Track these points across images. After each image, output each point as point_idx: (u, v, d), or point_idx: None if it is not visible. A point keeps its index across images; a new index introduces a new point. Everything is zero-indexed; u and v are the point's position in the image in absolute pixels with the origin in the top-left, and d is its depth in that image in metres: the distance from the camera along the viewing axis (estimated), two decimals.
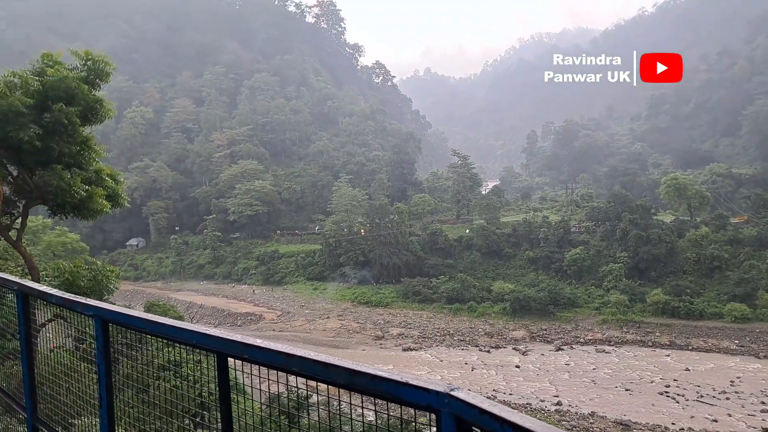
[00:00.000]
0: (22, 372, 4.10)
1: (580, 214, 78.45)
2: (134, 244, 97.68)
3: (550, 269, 66.80)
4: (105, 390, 3.16)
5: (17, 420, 6.90)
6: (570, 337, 53.81)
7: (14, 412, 6.81)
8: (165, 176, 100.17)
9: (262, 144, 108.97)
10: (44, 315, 4.72)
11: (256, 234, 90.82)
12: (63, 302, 3.62)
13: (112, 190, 14.76)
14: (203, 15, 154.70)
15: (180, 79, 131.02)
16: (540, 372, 45.71)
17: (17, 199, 14.55)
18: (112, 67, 14.30)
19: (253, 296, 74.63)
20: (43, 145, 13.07)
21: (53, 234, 60.79)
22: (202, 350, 2.55)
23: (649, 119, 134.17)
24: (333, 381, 2.04)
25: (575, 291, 62.02)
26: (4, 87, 12.71)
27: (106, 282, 14.38)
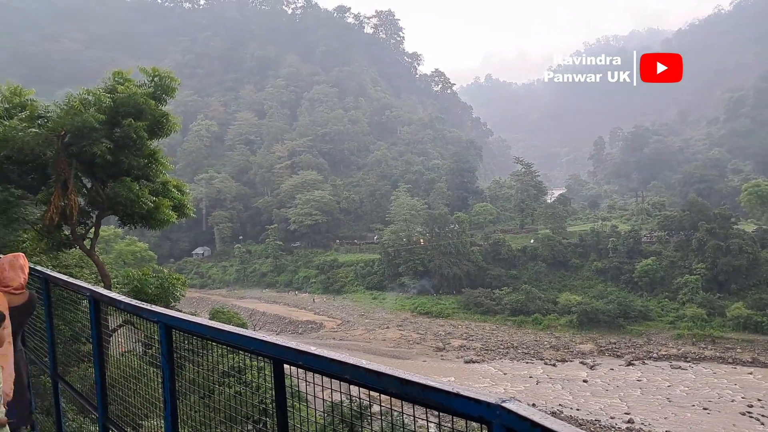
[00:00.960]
0: (94, 373, 4.34)
1: (651, 223, 75.36)
2: (200, 253, 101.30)
3: (619, 281, 64.41)
4: (169, 393, 3.31)
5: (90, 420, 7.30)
6: (642, 352, 51.59)
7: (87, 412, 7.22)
8: (229, 187, 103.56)
9: (321, 154, 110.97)
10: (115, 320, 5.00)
11: (316, 243, 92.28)
12: (130, 308, 3.81)
13: (178, 201, 15.44)
14: (264, 30, 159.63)
15: (243, 92, 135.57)
16: (609, 387, 44.03)
17: (91, 210, 15.47)
18: (177, 83, 15.02)
19: (313, 305, 75.83)
20: (114, 159, 13.85)
21: (124, 243, 63.92)
22: (259, 356, 2.63)
23: (728, 123, 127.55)
24: (385, 390, 2.05)
25: (647, 303, 59.48)
26: (79, 104, 13.58)
27: (172, 289, 15.02)
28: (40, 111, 14.64)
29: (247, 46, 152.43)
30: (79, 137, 13.28)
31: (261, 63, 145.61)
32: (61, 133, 13.49)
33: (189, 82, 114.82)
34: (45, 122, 13.91)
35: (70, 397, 5.56)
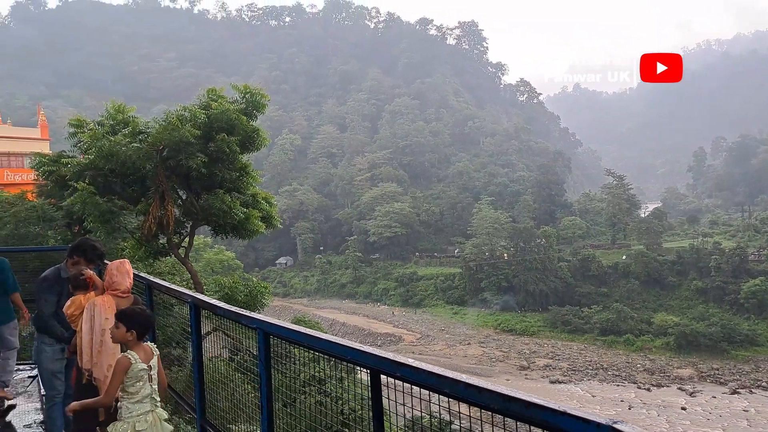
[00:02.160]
0: (193, 376, 4.58)
1: (759, 240, 69.95)
2: (283, 263, 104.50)
3: (722, 301, 60.13)
4: (266, 398, 3.44)
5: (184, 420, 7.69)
6: (749, 380, 47.79)
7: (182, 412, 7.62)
8: (311, 199, 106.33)
9: (401, 166, 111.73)
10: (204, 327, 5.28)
11: (396, 255, 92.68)
12: (229, 315, 4.02)
13: (266, 212, 16.10)
14: (347, 45, 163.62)
15: (326, 106, 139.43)
16: (711, 417, 41.07)
17: (185, 220, 16.42)
18: (267, 99, 15.73)
19: (392, 317, 76.10)
20: (208, 172, 14.65)
21: (212, 252, 67.11)
22: (357, 366, 2.70)
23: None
24: (486, 405, 2.06)
25: (755, 327, 55.12)
26: (176, 120, 14.50)
27: (260, 297, 15.63)
28: (141, 127, 15.78)
29: (330, 61, 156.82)
30: (176, 151, 14.16)
31: (344, 77, 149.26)
32: (160, 148, 14.45)
33: (275, 97, 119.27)
34: (145, 137, 14.95)
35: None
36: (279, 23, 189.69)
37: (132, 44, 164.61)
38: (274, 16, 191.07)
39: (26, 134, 53.69)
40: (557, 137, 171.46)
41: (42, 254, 12.22)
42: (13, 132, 51.68)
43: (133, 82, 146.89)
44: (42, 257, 11.68)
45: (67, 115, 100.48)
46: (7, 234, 16.46)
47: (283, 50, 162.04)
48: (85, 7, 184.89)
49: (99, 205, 14.18)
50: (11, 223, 17.23)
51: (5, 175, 43.71)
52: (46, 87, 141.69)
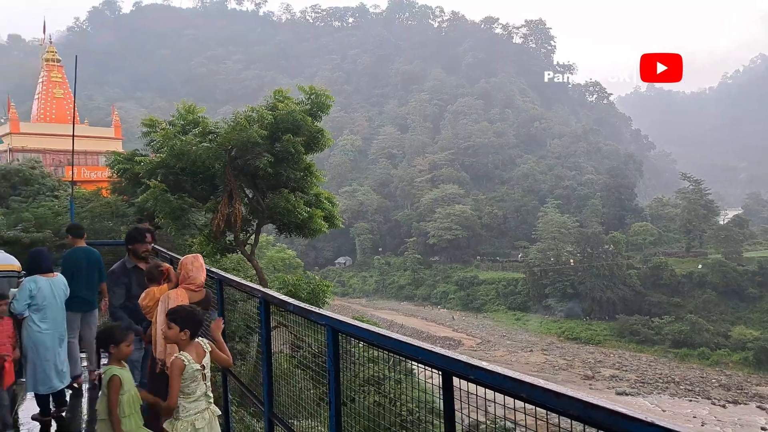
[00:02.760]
0: (262, 370, 4.72)
1: None
2: (342, 262, 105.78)
3: None
4: (334, 395, 3.50)
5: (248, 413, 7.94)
6: None
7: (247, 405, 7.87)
8: (371, 200, 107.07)
9: (463, 168, 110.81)
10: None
11: (456, 258, 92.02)
12: (298, 311, 4.10)
13: (328, 212, 16.37)
14: (410, 44, 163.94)
15: (387, 107, 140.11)
16: None
17: (251, 218, 16.91)
18: (331, 100, 16.02)
19: (451, 321, 75.63)
20: (274, 172, 15.04)
21: (274, 250, 68.65)
22: (427, 367, 2.71)
23: None
24: (564, 411, 2.02)
25: None
26: (244, 121, 14.97)
27: (322, 295, 15.91)
28: (210, 127, 16.40)
29: (392, 61, 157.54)
30: (244, 151, 14.63)
31: (406, 78, 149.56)
32: (229, 148, 14.95)
33: (337, 98, 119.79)
34: (215, 137, 15.50)
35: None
36: (342, 24, 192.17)
37: (200, 47, 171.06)
38: (338, 17, 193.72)
39: (102, 134, 56.79)
40: (628, 139, 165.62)
41: (115, 248, 12.90)
42: (90, 131, 54.75)
43: (201, 83, 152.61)
44: (115, 251, 12.33)
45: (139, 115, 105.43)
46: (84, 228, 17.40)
47: (346, 51, 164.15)
48: (156, 12, 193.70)
49: (170, 202, 14.82)
50: (88, 218, 18.19)
51: (82, 172, 46.18)
52: (120, 89, 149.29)
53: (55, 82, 58.02)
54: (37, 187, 29.93)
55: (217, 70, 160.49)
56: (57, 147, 50.66)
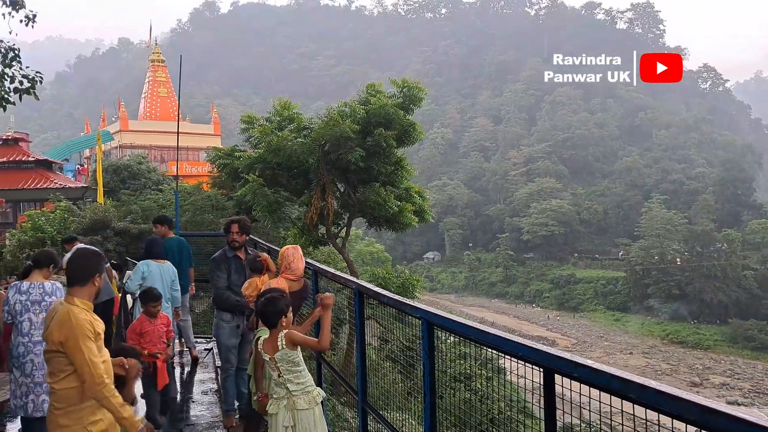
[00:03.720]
0: (356, 360, 4.84)
1: None
2: (431, 257, 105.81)
3: None
4: (429, 388, 3.53)
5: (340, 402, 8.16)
6: None
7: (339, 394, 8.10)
8: (461, 194, 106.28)
9: (561, 161, 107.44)
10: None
11: (551, 255, 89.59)
12: (392, 303, 4.17)
13: (419, 206, 16.44)
14: (505, 34, 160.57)
15: (480, 98, 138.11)
16: None
17: (343, 211, 17.32)
18: (424, 92, 16.07)
19: (545, 320, 73.83)
20: (365, 166, 15.31)
21: (363, 244, 70.00)
22: (528, 363, 2.67)
23: None
24: (679, 415, 1.94)
25: None
26: (337, 116, 15.34)
27: (411, 289, 16.03)
28: (305, 123, 16.96)
29: (486, 51, 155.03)
30: (337, 146, 14.98)
31: (500, 68, 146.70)
32: (322, 142, 15.37)
33: (428, 90, 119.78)
34: (309, 133, 16.01)
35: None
36: (435, 15, 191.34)
37: (293, 43, 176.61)
38: (430, 8, 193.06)
39: (202, 130, 60.10)
40: (747, 129, 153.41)
41: (215, 239, 13.65)
42: (192, 128, 58.11)
43: (294, 80, 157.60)
44: (215, 242, 13.05)
45: (236, 112, 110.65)
46: (186, 220, 18.54)
47: (438, 42, 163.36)
48: (252, 11, 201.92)
49: (267, 196, 15.49)
50: (189, 211, 19.36)
51: (184, 167, 49.02)
52: (218, 86, 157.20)
53: (159, 82, 62.07)
54: (143, 181, 32.29)
55: (310, 66, 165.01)
56: (161, 143, 54.25)
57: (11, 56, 9.98)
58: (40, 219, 18.10)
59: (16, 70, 9.99)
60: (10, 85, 9.95)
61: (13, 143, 35.43)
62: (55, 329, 3.14)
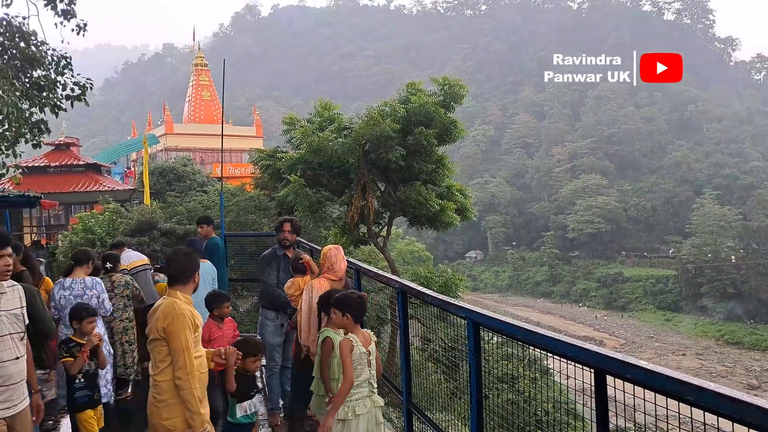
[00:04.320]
0: (400, 360, 4.84)
1: None
2: (473, 256, 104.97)
3: None
4: (475, 388, 3.50)
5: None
6: None
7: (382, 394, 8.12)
8: (503, 192, 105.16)
9: (606, 157, 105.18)
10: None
11: (597, 253, 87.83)
12: (437, 302, 4.16)
13: (461, 204, 16.33)
14: (547, 29, 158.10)
15: (521, 95, 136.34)
16: None
17: (383, 211, 17.35)
18: (465, 90, 15.96)
19: (592, 320, 72.40)
20: (406, 164, 15.30)
21: (403, 243, 69.91)
22: (578, 364, 2.62)
23: None
24: (741, 419, 1.87)
25: None
26: (377, 115, 15.37)
27: (454, 289, 15.93)
28: (345, 123, 17.08)
29: (527, 47, 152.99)
30: (377, 145, 15.01)
31: (542, 63, 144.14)
32: (363, 142, 15.43)
33: (469, 87, 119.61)
34: (349, 133, 16.11)
35: None
36: (474, 12, 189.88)
37: (333, 45, 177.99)
38: (470, 5, 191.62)
39: (244, 132, 61.15)
40: None
41: (258, 239, 13.87)
42: (234, 131, 59.23)
43: (333, 80, 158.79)
44: (258, 242, 13.25)
45: (276, 113, 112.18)
46: (230, 221, 18.88)
47: (478, 39, 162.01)
48: (293, 13, 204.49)
49: (308, 196, 15.65)
50: (233, 212, 19.70)
51: (227, 169, 50.01)
52: (259, 88, 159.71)
53: (203, 86, 63.43)
54: (188, 183, 33.03)
55: (349, 67, 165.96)
56: (205, 146, 55.44)
57: (63, 64, 10.38)
58: (90, 221, 18.71)
59: (68, 78, 10.39)
60: (62, 92, 10.35)
61: (65, 148, 36.76)
62: (160, 318, 3.35)
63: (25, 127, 10.07)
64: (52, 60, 10.28)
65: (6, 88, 9.43)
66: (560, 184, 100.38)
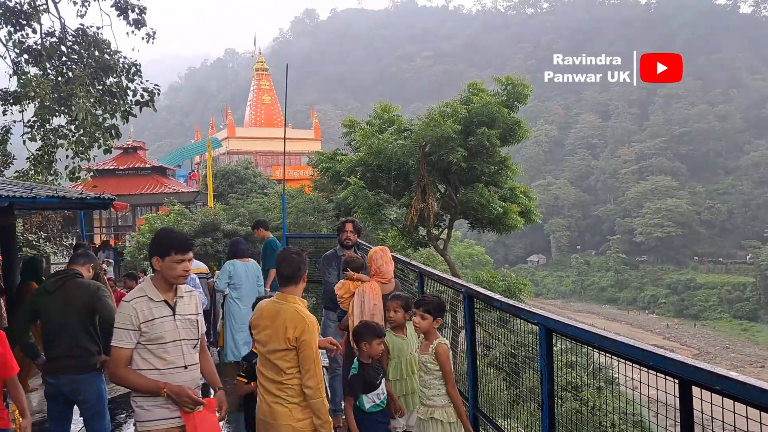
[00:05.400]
0: (467, 365, 4.79)
1: None
2: (535, 261, 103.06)
3: None
4: (547, 395, 3.43)
5: None
6: None
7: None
8: (567, 194, 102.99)
9: (677, 157, 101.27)
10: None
11: (667, 258, 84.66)
12: (506, 307, 4.09)
13: (525, 206, 16.08)
14: (613, 25, 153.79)
15: (586, 93, 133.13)
16: None
17: (443, 213, 17.28)
18: (529, 89, 15.72)
19: (662, 328, 69.80)
20: (468, 166, 15.20)
21: (462, 246, 69.33)
22: (660, 373, 2.52)
23: None
24: None
25: None
26: (438, 116, 15.34)
27: (518, 294, 15.69)
28: (405, 125, 17.12)
29: (592, 45, 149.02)
30: (438, 147, 14.99)
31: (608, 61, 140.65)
32: (423, 144, 15.44)
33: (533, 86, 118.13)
34: (409, 134, 16.14)
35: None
36: (536, 10, 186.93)
37: (391, 46, 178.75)
38: (531, 3, 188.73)
39: (303, 135, 62.26)
40: None
41: (316, 241, 14.08)
42: (293, 134, 60.37)
43: (390, 82, 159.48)
44: (316, 244, 13.46)
45: (334, 117, 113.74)
46: (289, 222, 19.27)
47: (540, 38, 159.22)
48: (351, 16, 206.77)
49: (368, 198, 15.78)
50: (293, 214, 20.09)
51: (287, 171, 50.99)
52: (317, 92, 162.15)
53: (263, 90, 64.98)
54: (249, 185, 33.96)
55: (407, 68, 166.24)
56: (266, 149, 56.82)
57: (133, 71, 10.89)
58: (156, 222, 19.51)
59: (137, 84, 10.89)
60: (132, 98, 10.86)
61: (132, 151, 38.45)
62: (289, 328, 3.33)
63: (99, 132, 10.61)
64: (123, 67, 10.80)
65: (82, 95, 9.98)
66: (627, 186, 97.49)
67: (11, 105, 10.35)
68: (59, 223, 22.58)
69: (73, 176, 10.95)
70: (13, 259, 8.13)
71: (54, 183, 12.21)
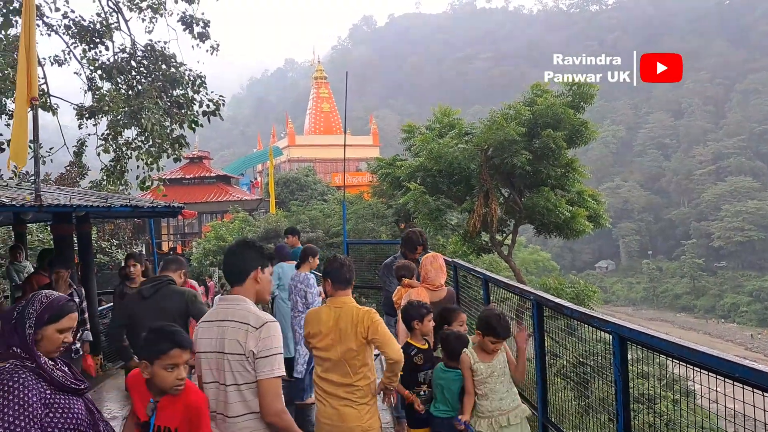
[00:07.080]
0: (536, 374, 4.70)
1: None
2: (603, 267, 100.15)
3: None
4: (622, 406, 3.33)
5: None
6: None
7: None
8: (637, 196, 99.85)
9: (758, 157, 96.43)
10: None
11: (749, 264, 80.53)
12: (577, 315, 4.00)
13: (593, 210, 15.65)
14: (685, 20, 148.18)
15: (656, 92, 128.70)
16: None
17: (507, 218, 17.04)
18: (596, 89, 15.32)
19: (745, 338, 66.29)
20: (532, 169, 14.94)
21: (527, 252, 68.08)
22: (749, 386, 2.39)
23: None
24: None
25: None
26: (501, 119, 15.16)
27: (587, 301, 15.26)
28: (466, 128, 17.01)
29: (661, 40, 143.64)
30: (501, 150, 14.81)
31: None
32: (485, 147, 15.29)
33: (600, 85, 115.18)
34: (470, 138, 16.03)
35: None
36: (600, 8, 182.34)
37: (449, 49, 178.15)
38: (595, 0, 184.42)
39: (362, 142, 62.87)
40: None
41: (375, 247, 14.14)
42: (352, 141, 60.82)
43: (450, 86, 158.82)
44: (375, 249, 13.51)
45: (392, 122, 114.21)
46: (349, 228, 19.50)
47: (605, 36, 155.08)
48: (409, 21, 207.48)
49: (428, 204, 15.75)
50: (352, 220, 20.32)
51: (346, 178, 51.45)
52: (375, 97, 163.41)
53: (322, 98, 66.05)
54: (310, 192, 34.58)
55: (466, 71, 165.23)
56: (325, 156, 57.69)
57: (199, 83, 11.34)
58: (221, 229, 20.17)
59: (203, 95, 11.33)
60: (198, 109, 11.30)
61: (198, 161, 39.90)
62: (358, 324, 3.48)
63: (167, 142, 11.08)
64: (189, 80, 11.25)
65: (151, 106, 10.48)
66: (703, 187, 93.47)
67: (87, 119, 10.95)
68: (130, 231, 23.71)
69: (143, 186, 11.46)
70: (89, 265, 8.55)
71: (125, 192, 12.78)
